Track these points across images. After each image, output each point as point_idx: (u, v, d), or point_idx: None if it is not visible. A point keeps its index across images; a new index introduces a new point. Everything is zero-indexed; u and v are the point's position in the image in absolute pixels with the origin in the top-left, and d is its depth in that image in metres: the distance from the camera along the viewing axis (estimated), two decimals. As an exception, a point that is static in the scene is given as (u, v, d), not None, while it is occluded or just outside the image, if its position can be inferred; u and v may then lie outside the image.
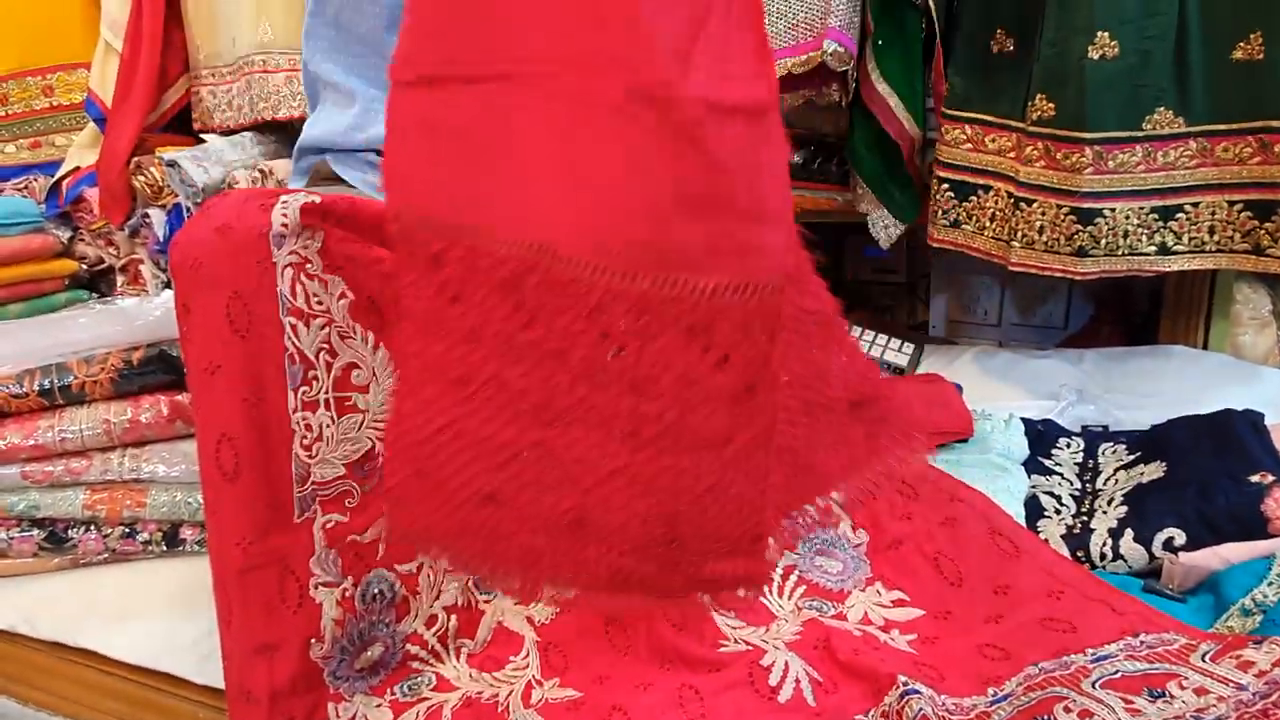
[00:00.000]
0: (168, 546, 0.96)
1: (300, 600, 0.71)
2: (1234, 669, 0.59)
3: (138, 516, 0.96)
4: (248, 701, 0.68)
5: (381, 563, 0.75)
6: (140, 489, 0.96)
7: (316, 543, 0.72)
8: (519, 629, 0.79)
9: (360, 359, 0.76)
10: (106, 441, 0.94)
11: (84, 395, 0.94)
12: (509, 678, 0.75)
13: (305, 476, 0.73)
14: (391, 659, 0.75)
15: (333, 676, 0.72)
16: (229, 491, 0.69)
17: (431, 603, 0.77)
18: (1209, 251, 1.02)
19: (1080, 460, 0.98)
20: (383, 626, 0.74)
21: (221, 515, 0.70)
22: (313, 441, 0.73)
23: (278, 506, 0.71)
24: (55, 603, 0.92)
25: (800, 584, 0.83)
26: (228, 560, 0.69)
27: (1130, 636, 0.68)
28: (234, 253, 0.69)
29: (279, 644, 0.69)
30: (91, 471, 0.95)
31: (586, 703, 0.71)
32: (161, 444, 0.96)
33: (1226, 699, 0.56)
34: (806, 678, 0.71)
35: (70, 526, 0.96)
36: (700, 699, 0.70)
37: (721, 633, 0.78)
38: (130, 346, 0.95)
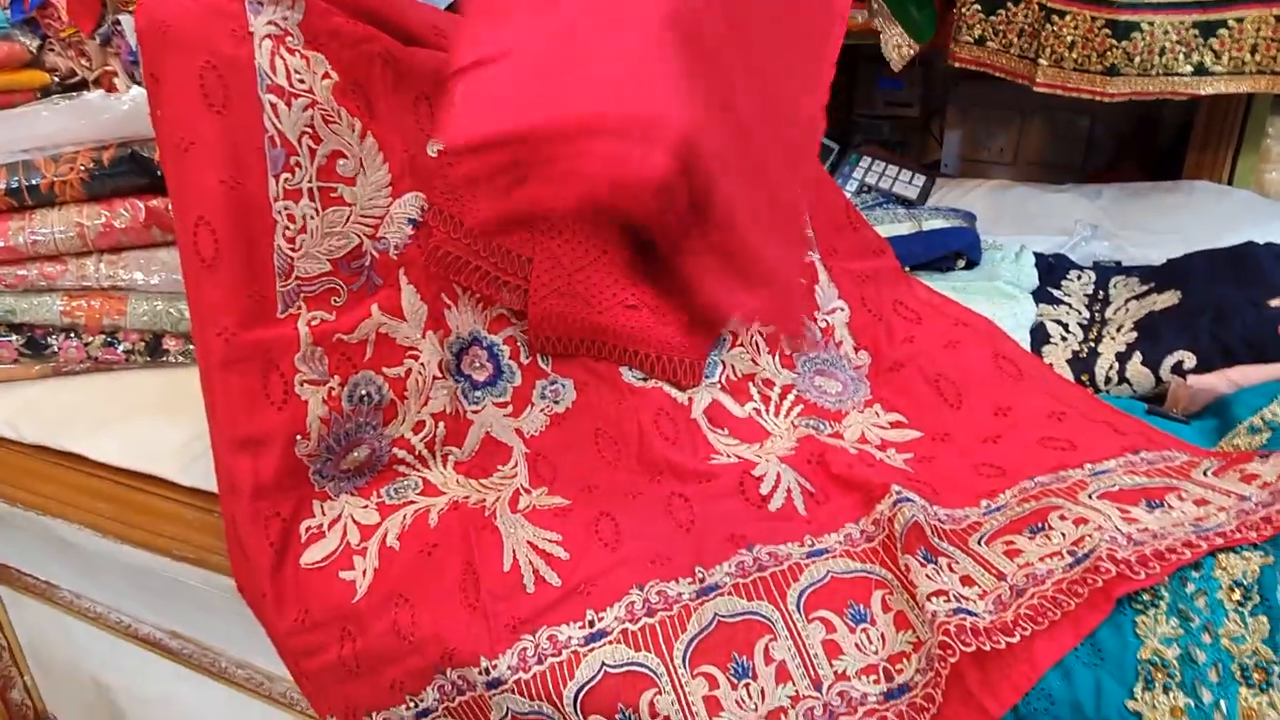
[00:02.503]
0: (151, 357, 0.94)
1: (285, 396, 0.68)
2: (1237, 481, 0.57)
3: (118, 325, 0.93)
4: (233, 493, 0.67)
5: (369, 364, 0.73)
6: (119, 297, 0.93)
7: (301, 340, 0.69)
8: (508, 440, 0.78)
9: (346, 147, 0.71)
10: (80, 246, 0.90)
11: (54, 196, 0.89)
12: (496, 485, 0.74)
13: (289, 270, 0.69)
14: (378, 462, 0.73)
15: (318, 475, 0.70)
16: (208, 279, 0.66)
17: (419, 409, 0.75)
18: (1248, 73, 0.96)
19: (1090, 292, 0.95)
20: (369, 429, 0.73)
21: (202, 304, 0.67)
22: (296, 234, 0.69)
23: (260, 300, 0.68)
24: (39, 409, 0.91)
25: (798, 403, 0.82)
26: (210, 351, 0.67)
27: (1130, 453, 0.67)
28: (205, 16, 0.64)
29: (264, 439, 0.67)
30: (67, 277, 0.91)
31: (574, 509, 0.70)
32: (139, 251, 0.92)
33: (1227, 508, 0.55)
34: (798, 488, 0.70)
35: (49, 334, 0.93)
36: (689, 505, 0.69)
37: (714, 447, 0.77)
38: (99, 145, 0.89)
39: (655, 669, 0.58)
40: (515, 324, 0.80)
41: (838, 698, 0.56)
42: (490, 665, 0.60)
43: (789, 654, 0.58)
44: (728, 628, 0.60)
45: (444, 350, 0.76)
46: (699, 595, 0.62)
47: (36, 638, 1.15)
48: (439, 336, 0.76)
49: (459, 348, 0.78)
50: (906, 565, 0.59)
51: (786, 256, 0.73)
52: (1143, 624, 0.50)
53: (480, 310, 0.79)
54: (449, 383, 0.77)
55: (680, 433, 0.76)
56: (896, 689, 0.55)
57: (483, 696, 0.61)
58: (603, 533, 0.67)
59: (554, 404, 0.80)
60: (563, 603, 0.63)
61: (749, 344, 0.82)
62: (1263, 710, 0.45)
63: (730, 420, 0.79)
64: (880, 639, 0.57)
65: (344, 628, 0.66)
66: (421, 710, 0.65)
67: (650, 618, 0.61)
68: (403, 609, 0.65)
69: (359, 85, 0.70)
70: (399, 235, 0.74)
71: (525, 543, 0.67)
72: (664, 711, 0.57)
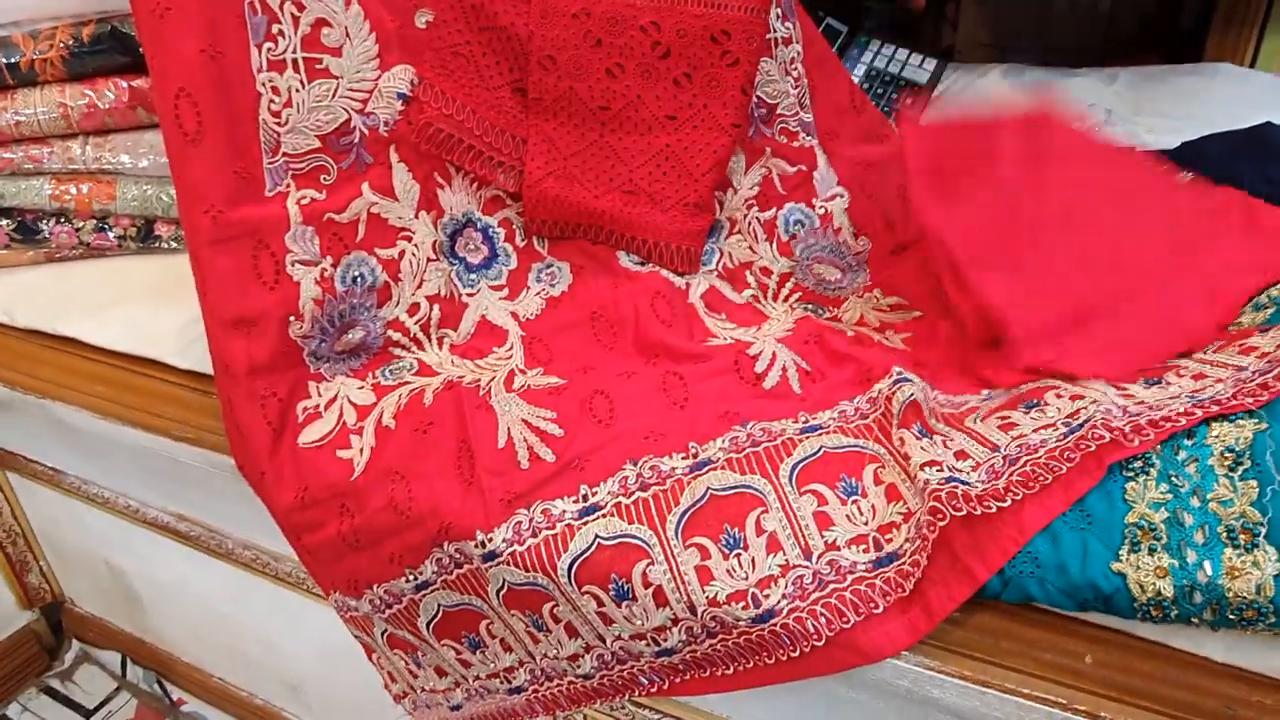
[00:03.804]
0: (143, 243, 0.93)
1: (277, 276, 0.68)
2: (1235, 355, 0.57)
3: (108, 210, 0.92)
4: (227, 374, 0.67)
5: (361, 245, 0.72)
6: (108, 181, 0.91)
7: (291, 218, 0.68)
8: (503, 324, 0.78)
9: (331, 15, 0.68)
10: (65, 127, 0.88)
11: (35, 75, 0.87)
12: (491, 365, 0.74)
13: (275, 146, 0.68)
14: (373, 343, 0.73)
15: (313, 356, 0.70)
16: (193, 154, 0.65)
17: (414, 291, 0.74)
18: (1281, -57, 0.91)
19: (1101, 176, 0.93)
20: (364, 310, 0.72)
21: (187, 181, 0.65)
22: (281, 107, 0.67)
23: (247, 177, 0.67)
24: (32, 294, 0.91)
25: (796, 290, 0.81)
26: (198, 230, 0.66)
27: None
28: None
29: (256, 319, 0.67)
30: (53, 160, 0.90)
31: (569, 388, 0.70)
32: (125, 134, 0.90)
33: (1225, 380, 0.54)
34: (794, 366, 0.70)
35: (40, 218, 0.92)
36: (684, 384, 0.69)
37: (710, 330, 0.76)
38: (78, 21, 0.86)
39: (648, 540, 0.59)
40: (510, 206, 0.79)
41: (827, 566, 0.56)
42: (486, 539, 0.61)
43: (780, 525, 0.58)
44: (720, 500, 0.60)
45: (438, 231, 0.75)
46: (692, 470, 0.62)
47: (49, 523, 1.17)
48: (432, 217, 0.75)
49: (453, 229, 0.77)
50: (901, 439, 0.59)
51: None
52: (1132, 490, 0.50)
53: (475, 191, 0.77)
54: (443, 265, 0.76)
55: (677, 316, 0.75)
56: (885, 557, 0.56)
57: (479, 569, 0.63)
58: (597, 410, 0.67)
59: (550, 287, 0.79)
60: (557, 478, 0.63)
61: (747, 232, 0.81)
62: (1246, 568, 0.45)
63: (728, 306, 0.79)
64: (871, 510, 0.58)
65: (342, 504, 0.67)
66: (421, 582, 0.66)
67: (643, 492, 0.62)
68: (399, 485, 0.65)
69: (341, -57, 0.67)
70: (388, 110, 0.72)
71: (520, 420, 0.67)
72: (656, 581, 0.58)
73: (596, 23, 0.73)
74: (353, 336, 0.72)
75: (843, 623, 0.54)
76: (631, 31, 0.73)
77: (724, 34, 0.73)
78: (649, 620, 0.58)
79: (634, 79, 0.75)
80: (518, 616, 0.64)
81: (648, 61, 0.74)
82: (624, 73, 0.75)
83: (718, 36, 0.74)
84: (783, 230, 0.82)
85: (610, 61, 0.74)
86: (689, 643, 0.59)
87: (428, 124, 0.73)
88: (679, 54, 0.74)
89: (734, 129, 0.76)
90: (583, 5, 0.73)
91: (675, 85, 0.76)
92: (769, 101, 0.81)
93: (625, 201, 0.77)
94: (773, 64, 0.81)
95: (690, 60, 0.74)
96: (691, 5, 0.73)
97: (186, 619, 1.13)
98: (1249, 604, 0.45)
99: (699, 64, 0.75)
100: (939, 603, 0.53)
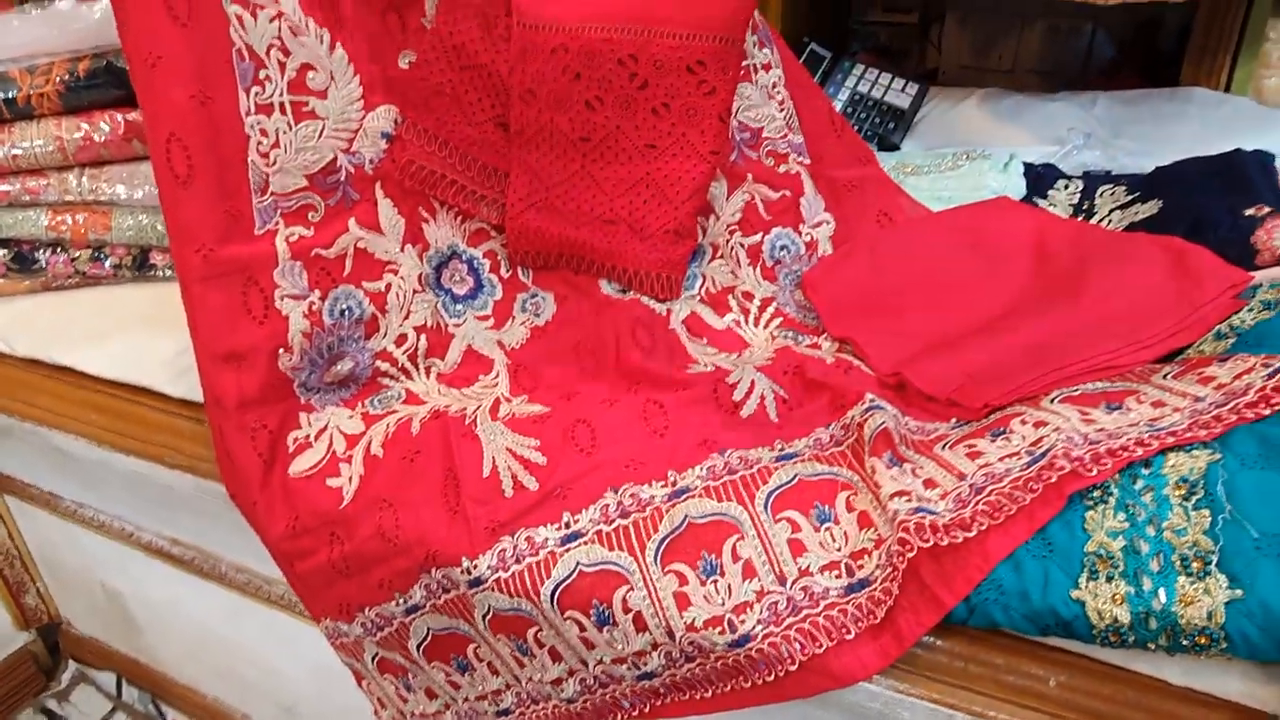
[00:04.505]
0: (138, 271, 0.95)
1: (266, 311, 0.70)
2: (1194, 383, 0.58)
3: (104, 240, 0.94)
4: (218, 407, 0.69)
5: (349, 279, 0.74)
6: (103, 211, 0.93)
7: (280, 255, 0.70)
8: (489, 353, 0.79)
9: (316, 59, 0.70)
10: (61, 160, 0.90)
11: (31, 109, 0.89)
12: (477, 394, 0.76)
13: (264, 186, 0.70)
14: (362, 374, 0.75)
15: (303, 388, 0.72)
16: (184, 196, 0.67)
17: (401, 322, 0.76)
18: (1248, -29, 0.93)
19: (1076, 202, 0.95)
20: (352, 342, 0.74)
21: (178, 221, 0.67)
22: (269, 148, 0.69)
23: (237, 216, 0.69)
24: (30, 323, 0.93)
25: (777, 316, 0.83)
26: (189, 268, 0.68)
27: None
28: None
29: (246, 353, 0.69)
30: (49, 192, 0.92)
31: (553, 416, 0.72)
32: (120, 165, 0.92)
33: (1182, 409, 0.56)
34: (772, 394, 0.71)
35: (36, 248, 0.94)
36: (664, 411, 0.71)
37: (692, 356, 0.78)
38: (74, 56, 0.88)
39: (628, 567, 0.60)
40: (495, 237, 0.81)
41: (801, 592, 0.58)
42: (471, 565, 0.63)
43: (755, 552, 0.60)
44: (698, 528, 0.62)
45: (423, 264, 0.77)
46: (671, 498, 0.64)
47: (46, 545, 1.19)
48: (418, 251, 0.77)
49: (438, 262, 0.79)
50: (872, 467, 0.61)
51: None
52: (1091, 519, 0.52)
53: (459, 224, 0.79)
54: (429, 296, 0.77)
55: (657, 342, 0.77)
56: (857, 583, 0.57)
57: (466, 595, 0.64)
58: (579, 439, 0.69)
59: (535, 316, 0.81)
60: (540, 505, 0.65)
61: (730, 257, 0.83)
62: (1198, 596, 0.47)
63: (709, 331, 0.81)
64: (843, 537, 0.59)
65: (332, 532, 0.69)
66: (410, 606, 0.68)
67: (624, 519, 0.63)
68: (387, 513, 0.67)
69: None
70: (373, 149, 0.74)
71: (504, 449, 0.69)
72: (636, 607, 0.59)
73: (574, 57, 0.75)
74: (341, 368, 0.73)
75: (816, 648, 0.56)
76: (609, 64, 0.75)
77: (700, 64, 0.75)
78: (629, 645, 0.60)
79: (613, 110, 0.77)
80: (504, 641, 0.66)
81: (626, 93, 0.76)
82: (603, 104, 0.77)
83: (694, 67, 0.75)
84: (768, 255, 0.83)
85: (589, 94, 0.76)
86: (668, 667, 0.60)
87: (411, 161, 0.75)
88: (656, 84, 0.76)
89: (712, 156, 0.78)
90: (561, 41, 0.75)
91: (654, 115, 0.77)
92: (753, 126, 0.83)
93: (606, 231, 0.79)
94: (754, 89, 0.83)
95: (668, 90, 0.76)
96: (667, 38, 0.75)
97: (181, 640, 1.14)
98: (1201, 630, 0.47)
99: (676, 93, 0.76)
100: (908, 629, 0.55)
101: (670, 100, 0.76)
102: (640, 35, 0.75)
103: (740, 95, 0.81)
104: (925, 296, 0.79)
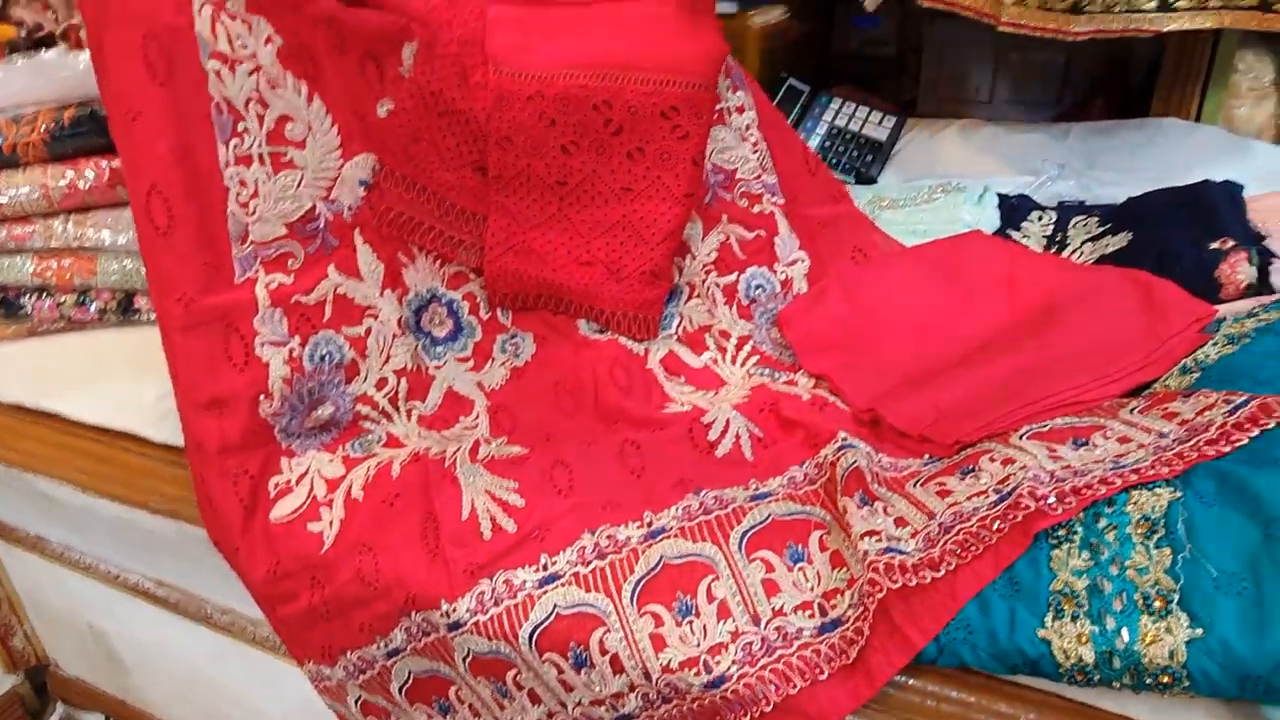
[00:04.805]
0: (123, 315, 0.96)
1: (246, 358, 0.70)
2: (1158, 419, 0.59)
3: (89, 285, 0.95)
4: (200, 453, 0.70)
5: (329, 324, 0.75)
6: (89, 256, 0.94)
7: (260, 303, 0.71)
8: (469, 394, 0.80)
9: (294, 110, 0.72)
10: (47, 207, 0.92)
11: (17, 158, 0.90)
12: (457, 436, 0.76)
13: (244, 235, 0.71)
14: (343, 418, 0.76)
15: (284, 433, 0.73)
16: (164, 247, 0.68)
17: (381, 366, 0.77)
18: (1212, 8, 0.95)
19: (1049, 234, 0.96)
20: (332, 387, 0.75)
21: (159, 271, 0.68)
22: (249, 198, 0.70)
23: (217, 266, 0.70)
24: (15, 368, 0.93)
25: (754, 354, 0.83)
26: (170, 317, 0.69)
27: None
28: None
29: (227, 400, 0.70)
30: (35, 238, 0.93)
31: (531, 457, 0.72)
32: (106, 210, 0.93)
33: (1146, 445, 0.57)
34: (747, 434, 0.72)
35: (22, 294, 0.95)
36: (640, 452, 0.72)
37: (669, 396, 0.79)
38: (60, 105, 0.90)
39: (604, 609, 0.61)
40: (474, 280, 0.82)
41: (775, 632, 0.58)
42: (450, 609, 0.63)
43: (730, 592, 0.60)
44: (673, 569, 0.62)
45: (403, 308, 0.78)
46: (646, 538, 0.65)
47: (33, 587, 1.19)
48: (397, 295, 0.78)
49: (418, 305, 0.80)
50: (844, 507, 0.61)
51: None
52: (1056, 557, 0.52)
53: (438, 268, 0.80)
54: (409, 339, 0.78)
55: (635, 382, 0.78)
56: (830, 623, 0.58)
57: (445, 638, 0.65)
58: (557, 480, 0.70)
59: (514, 357, 0.82)
60: (518, 548, 0.66)
61: (706, 296, 0.84)
62: (1160, 634, 0.48)
63: (686, 369, 0.81)
64: (816, 576, 0.60)
65: (313, 576, 0.69)
66: (392, 649, 0.68)
67: (600, 560, 0.64)
68: (367, 557, 0.67)
69: (303, 48, 0.71)
70: (352, 197, 0.75)
71: (484, 491, 0.69)
72: (613, 649, 0.60)
73: (550, 104, 0.76)
74: (322, 412, 0.74)
75: (790, 688, 0.56)
76: (584, 111, 0.77)
77: (673, 109, 0.76)
78: (607, 687, 0.60)
79: (589, 155, 0.78)
80: (484, 683, 0.66)
81: (601, 138, 0.78)
82: (579, 149, 0.78)
83: (667, 112, 0.77)
84: (743, 294, 0.85)
85: (565, 139, 0.78)
86: (645, 708, 0.60)
87: (389, 208, 0.76)
88: (631, 130, 0.77)
89: (687, 198, 0.79)
90: (536, 88, 0.76)
91: (629, 159, 0.78)
92: (727, 168, 0.85)
93: (583, 273, 0.80)
94: (728, 131, 0.84)
95: (642, 135, 0.77)
96: (641, 84, 0.76)
97: (168, 681, 1.14)
98: (1164, 669, 0.47)
99: (650, 138, 0.77)
100: (879, 669, 0.55)
101: (645, 145, 0.78)
102: (614, 82, 0.76)
103: (714, 138, 0.82)
104: (899, 331, 0.81)
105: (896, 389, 0.74)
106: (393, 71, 0.76)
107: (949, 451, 0.67)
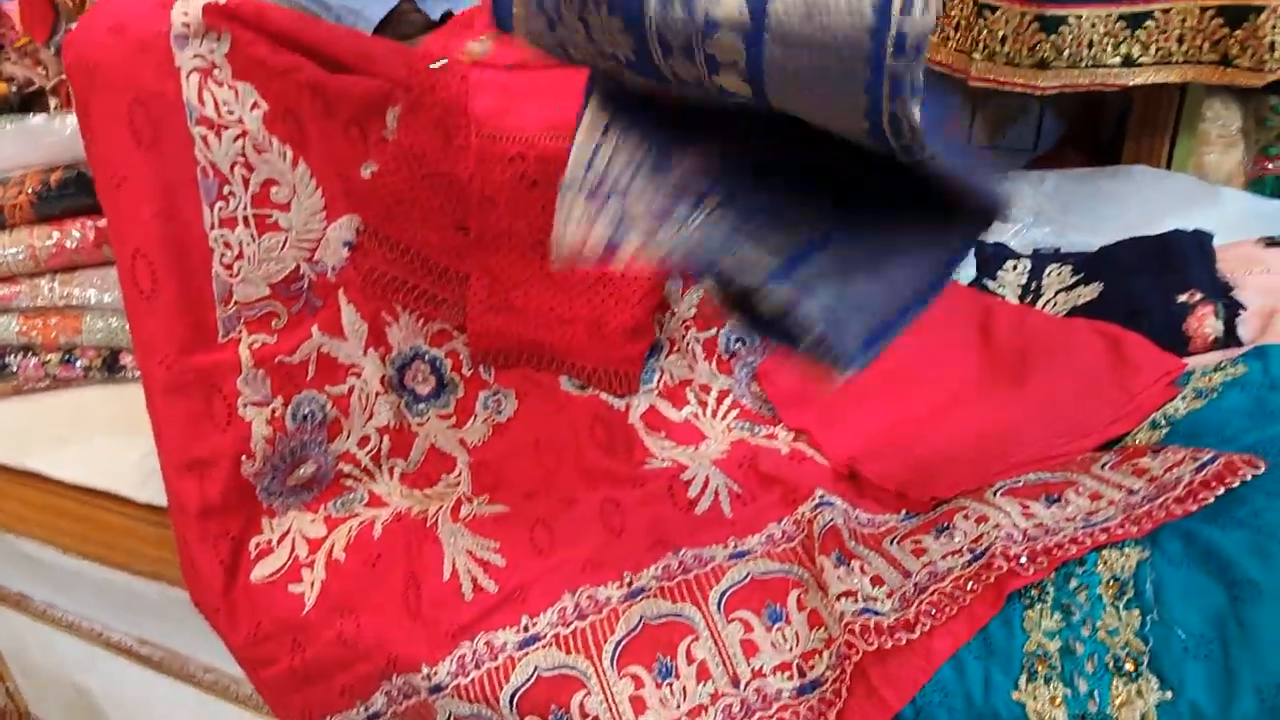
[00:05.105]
0: (109, 373, 0.97)
1: (229, 419, 0.71)
2: (1129, 475, 0.60)
3: (74, 343, 0.95)
4: (182, 514, 0.70)
5: (312, 384, 0.75)
6: (74, 315, 0.95)
7: (243, 363, 0.72)
8: (452, 451, 0.81)
9: (279, 174, 0.73)
10: (33, 267, 0.92)
11: (4, 220, 0.91)
12: (440, 494, 0.77)
13: (228, 296, 0.72)
14: (325, 477, 0.76)
15: (266, 493, 0.73)
16: (148, 310, 0.69)
17: (364, 424, 0.78)
18: (1175, 63, 0.98)
19: (1024, 283, 0.98)
20: (315, 445, 0.75)
21: (143, 333, 0.69)
22: (233, 260, 0.71)
23: (200, 327, 0.71)
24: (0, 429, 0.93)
25: (734, 407, 0.84)
26: (153, 378, 0.69)
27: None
28: (131, 54, 0.66)
29: (210, 460, 0.70)
30: (21, 298, 0.94)
31: (512, 516, 0.73)
32: (92, 269, 0.94)
33: (1116, 502, 0.58)
34: (726, 490, 0.73)
35: (7, 353, 0.96)
36: (620, 511, 0.72)
37: (650, 451, 0.79)
38: (47, 168, 0.91)
39: (585, 671, 0.61)
40: (457, 337, 0.83)
41: (754, 694, 0.59)
42: (431, 671, 0.63)
43: (709, 653, 0.61)
44: (653, 629, 0.63)
45: (386, 367, 0.79)
46: (626, 599, 0.65)
47: (17, 644, 1.17)
48: (380, 353, 0.79)
49: (401, 363, 0.80)
50: (821, 566, 0.62)
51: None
52: (1029, 618, 0.53)
53: (421, 326, 0.81)
54: (392, 397, 0.79)
55: (615, 439, 0.79)
56: (808, 684, 0.58)
57: (427, 701, 0.64)
58: (538, 540, 0.70)
59: (496, 414, 0.82)
60: (499, 609, 0.66)
61: (686, 351, 0.85)
62: (1131, 697, 0.48)
63: (667, 424, 0.82)
64: (795, 637, 0.60)
65: (294, 638, 0.69)
66: (372, 714, 0.68)
67: (581, 621, 0.64)
68: (348, 619, 0.67)
69: (289, 113, 0.72)
70: (335, 258, 0.76)
71: (465, 551, 0.70)
72: (593, 712, 0.60)
73: (531, 165, 0.78)
74: (304, 471, 0.75)
75: (769, 751, 0.56)
76: None
77: None
78: (588, 751, 0.60)
79: None
80: (466, 746, 0.66)
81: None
82: None
83: None
84: (723, 349, 0.85)
85: (547, 199, 0.79)
86: (627, 771, 0.60)
87: (373, 269, 0.77)
88: None
89: None
90: (518, 150, 0.77)
91: None
92: (706, 223, 0.86)
93: (565, 330, 0.81)
94: None
95: None
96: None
97: (153, 738, 1.13)
98: (1135, 732, 0.48)
99: None
100: (858, 731, 0.55)
101: None
102: None
103: None
104: (876, 385, 0.81)
105: (874, 443, 0.75)
106: (377, 135, 0.78)
107: (925, 507, 0.67)
